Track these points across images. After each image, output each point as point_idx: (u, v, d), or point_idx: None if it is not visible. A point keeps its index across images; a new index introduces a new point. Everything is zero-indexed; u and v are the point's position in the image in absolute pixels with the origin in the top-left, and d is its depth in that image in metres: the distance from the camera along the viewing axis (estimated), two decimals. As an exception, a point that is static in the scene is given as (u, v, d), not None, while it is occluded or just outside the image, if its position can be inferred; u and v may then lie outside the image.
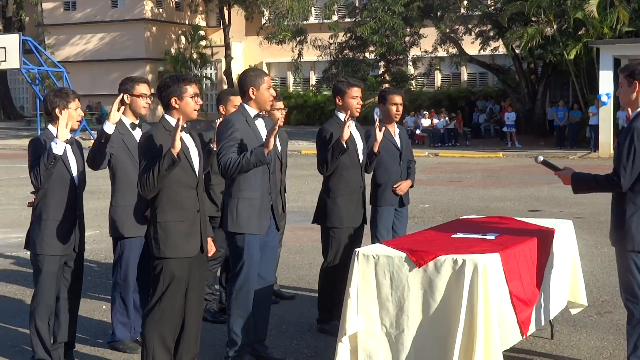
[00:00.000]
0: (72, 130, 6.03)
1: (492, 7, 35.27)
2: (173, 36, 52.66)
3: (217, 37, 51.24)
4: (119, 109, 6.39)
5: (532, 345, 6.80)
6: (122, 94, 6.62)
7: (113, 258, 6.95)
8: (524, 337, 5.91)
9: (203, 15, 53.97)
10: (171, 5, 52.94)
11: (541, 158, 6.13)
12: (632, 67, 5.60)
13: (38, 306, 6.05)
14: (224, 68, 49.36)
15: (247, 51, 51.03)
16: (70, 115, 5.96)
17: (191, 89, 5.63)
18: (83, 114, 6.28)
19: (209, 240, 5.88)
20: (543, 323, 6.42)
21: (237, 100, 7.16)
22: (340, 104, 7.24)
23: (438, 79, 46.53)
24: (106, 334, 7.19)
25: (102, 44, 52.04)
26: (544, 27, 31.44)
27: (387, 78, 38.79)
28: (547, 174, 6.45)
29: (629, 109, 5.63)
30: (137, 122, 6.80)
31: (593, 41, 29.96)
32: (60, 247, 6.01)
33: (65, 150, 5.89)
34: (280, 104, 8.15)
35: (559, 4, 30.92)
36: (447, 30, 35.43)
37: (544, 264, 6.27)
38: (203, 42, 50.91)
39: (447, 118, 35.72)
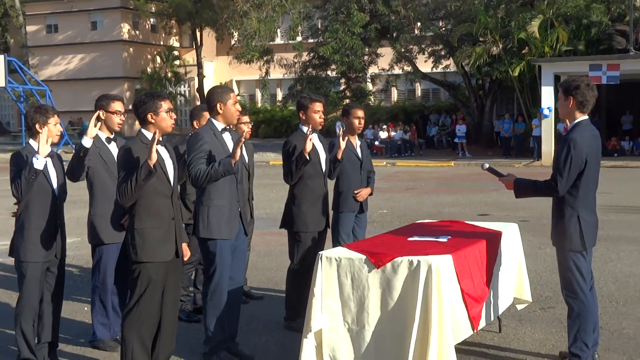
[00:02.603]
0: (53, 144, 5.97)
1: (443, 29, 35.51)
2: (149, 56, 52.37)
3: (190, 57, 51.06)
4: (95, 125, 6.34)
5: (482, 338, 6.82)
6: (98, 111, 6.56)
7: (92, 263, 6.86)
8: (475, 331, 5.93)
9: (177, 37, 53.74)
10: (147, 27, 52.66)
11: (487, 165, 6.19)
12: (567, 83, 5.68)
13: (23, 309, 5.96)
14: (196, 86, 49.21)
15: (218, 70, 50.88)
16: (50, 131, 5.90)
17: (166, 105, 5.59)
18: (62, 129, 6.21)
19: (184, 245, 5.83)
20: (492, 318, 6.44)
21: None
22: (303, 118, 7.23)
23: (394, 94, 46.67)
24: (88, 334, 7.09)
25: (82, 64, 51.62)
26: (491, 47, 31.67)
27: (348, 94, 38.86)
28: (495, 181, 6.47)
29: (567, 121, 5.70)
30: (112, 136, 6.74)
31: (535, 59, 30.27)
32: (43, 253, 5.93)
33: (46, 164, 5.83)
34: (246, 119, 8.13)
35: (504, 25, 31.24)
36: (402, 50, 35.59)
37: (493, 264, 6.30)
38: (177, 62, 50.64)
39: (402, 130, 35.82)
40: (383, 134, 35.98)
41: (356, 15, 33.25)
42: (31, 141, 5.97)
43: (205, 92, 37.08)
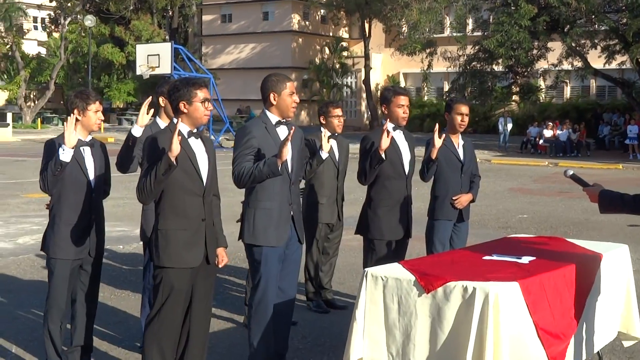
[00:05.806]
0: (91, 132, 5.47)
1: (621, 22, 33.05)
2: (317, 47, 52.54)
3: (358, 48, 50.74)
4: (148, 112, 5.78)
5: (575, 379, 5.75)
6: (150, 98, 5.99)
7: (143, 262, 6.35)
8: (557, 373, 4.92)
9: (346, 28, 53.62)
10: (317, 18, 52.83)
11: (570, 172, 5.16)
12: None
13: (50, 309, 5.47)
14: (363, 77, 48.74)
15: (385, 62, 50.25)
16: (89, 118, 5.39)
17: (201, 94, 4.91)
18: (103, 118, 5.67)
19: (219, 250, 5.16)
20: (585, 357, 5.38)
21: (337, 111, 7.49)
22: (386, 112, 6.39)
23: (567, 91, 44.37)
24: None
25: (253, 54, 52.50)
26: (670, 42, 29.19)
27: (514, 89, 37.16)
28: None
29: None
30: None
31: None
32: (73, 251, 5.41)
33: (82, 153, 5.33)
34: (338, 112, 7.42)
35: (687, 19, 28.68)
36: (573, 44, 33.44)
37: (586, 293, 5.23)
38: (345, 53, 50.54)
39: (570, 129, 33.73)
40: (548, 133, 34.02)
41: (524, 7, 31.47)
42: (68, 128, 5.48)
43: (371, 84, 36.56)
